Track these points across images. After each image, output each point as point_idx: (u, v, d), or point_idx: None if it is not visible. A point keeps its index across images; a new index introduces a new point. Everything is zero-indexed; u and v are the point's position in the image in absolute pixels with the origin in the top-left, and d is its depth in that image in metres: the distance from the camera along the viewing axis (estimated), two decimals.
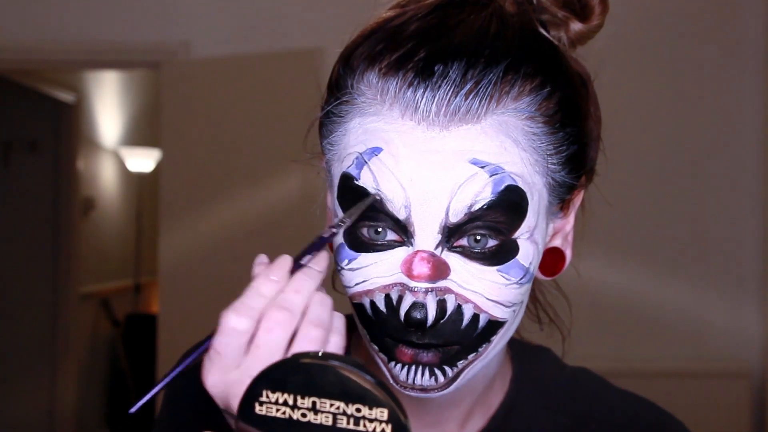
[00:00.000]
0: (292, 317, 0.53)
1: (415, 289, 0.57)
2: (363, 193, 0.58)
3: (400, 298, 0.58)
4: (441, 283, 0.57)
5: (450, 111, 0.56)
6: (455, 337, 0.59)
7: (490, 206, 0.56)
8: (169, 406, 0.76)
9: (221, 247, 3.23)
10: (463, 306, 0.58)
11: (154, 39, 3.43)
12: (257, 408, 0.49)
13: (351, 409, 0.47)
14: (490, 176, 0.56)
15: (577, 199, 0.67)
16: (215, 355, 0.54)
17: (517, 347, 0.75)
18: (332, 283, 0.69)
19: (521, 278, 0.59)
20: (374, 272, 0.59)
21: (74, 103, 4.71)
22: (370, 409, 0.47)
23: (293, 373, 0.48)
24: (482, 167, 0.56)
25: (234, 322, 0.53)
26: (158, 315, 3.45)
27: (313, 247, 0.58)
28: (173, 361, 0.80)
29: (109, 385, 5.22)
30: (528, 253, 0.59)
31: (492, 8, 0.60)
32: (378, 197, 0.58)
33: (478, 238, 0.57)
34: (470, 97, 0.56)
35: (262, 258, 0.58)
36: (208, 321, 0.65)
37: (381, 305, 0.59)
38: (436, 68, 0.56)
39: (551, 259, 0.65)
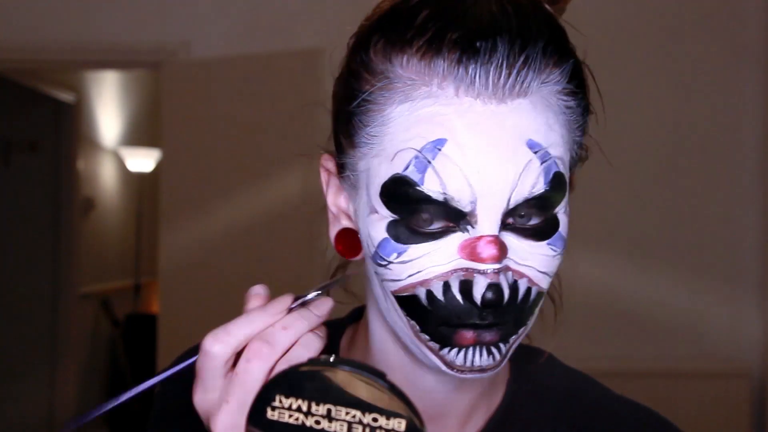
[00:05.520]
0: (273, 353, 0.54)
1: (487, 272, 0.57)
2: (424, 199, 0.57)
3: (468, 283, 0.57)
4: (502, 263, 0.58)
5: (503, 84, 0.57)
6: (514, 312, 0.59)
7: (543, 195, 0.58)
8: (161, 403, 0.76)
9: (221, 247, 3.23)
10: (519, 281, 0.59)
11: (154, 39, 3.42)
12: (269, 413, 0.48)
13: (367, 418, 0.47)
14: (541, 163, 0.58)
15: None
16: (197, 374, 0.56)
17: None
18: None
19: (564, 249, 0.61)
20: (429, 262, 0.58)
21: (74, 103, 4.70)
22: (387, 419, 0.47)
23: (309, 379, 0.47)
24: (536, 152, 0.57)
25: (210, 346, 0.55)
26: (158, 315, 3.45)
27: (321, 288, 0.58)
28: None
29: (109, 386, 5.21)
30: (565, 225, 0.61)
31: None
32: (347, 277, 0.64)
33: (522, 214, 0.58)
34: (523, 71, 0.57)
35: (258, 289, 0.58)
36: (208, 321, 0.65)
37: (439, 294, 0.58)
38: (479, 45, 0.56)
39: None
